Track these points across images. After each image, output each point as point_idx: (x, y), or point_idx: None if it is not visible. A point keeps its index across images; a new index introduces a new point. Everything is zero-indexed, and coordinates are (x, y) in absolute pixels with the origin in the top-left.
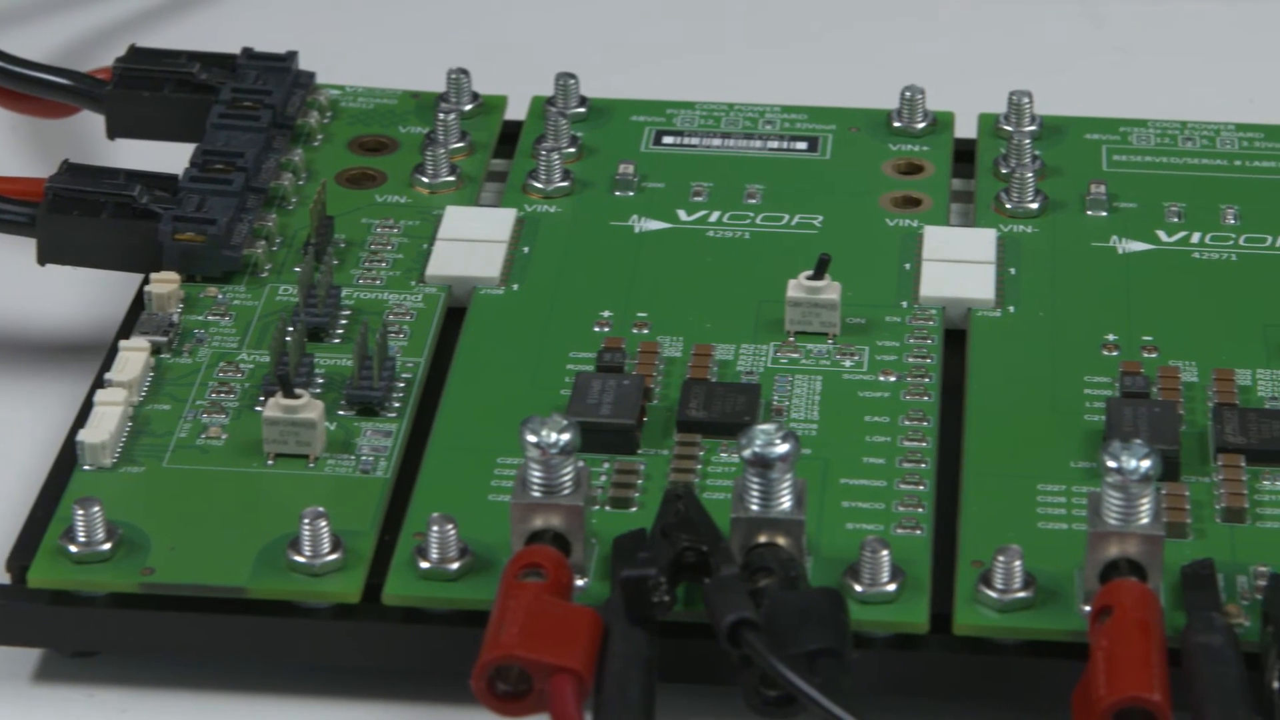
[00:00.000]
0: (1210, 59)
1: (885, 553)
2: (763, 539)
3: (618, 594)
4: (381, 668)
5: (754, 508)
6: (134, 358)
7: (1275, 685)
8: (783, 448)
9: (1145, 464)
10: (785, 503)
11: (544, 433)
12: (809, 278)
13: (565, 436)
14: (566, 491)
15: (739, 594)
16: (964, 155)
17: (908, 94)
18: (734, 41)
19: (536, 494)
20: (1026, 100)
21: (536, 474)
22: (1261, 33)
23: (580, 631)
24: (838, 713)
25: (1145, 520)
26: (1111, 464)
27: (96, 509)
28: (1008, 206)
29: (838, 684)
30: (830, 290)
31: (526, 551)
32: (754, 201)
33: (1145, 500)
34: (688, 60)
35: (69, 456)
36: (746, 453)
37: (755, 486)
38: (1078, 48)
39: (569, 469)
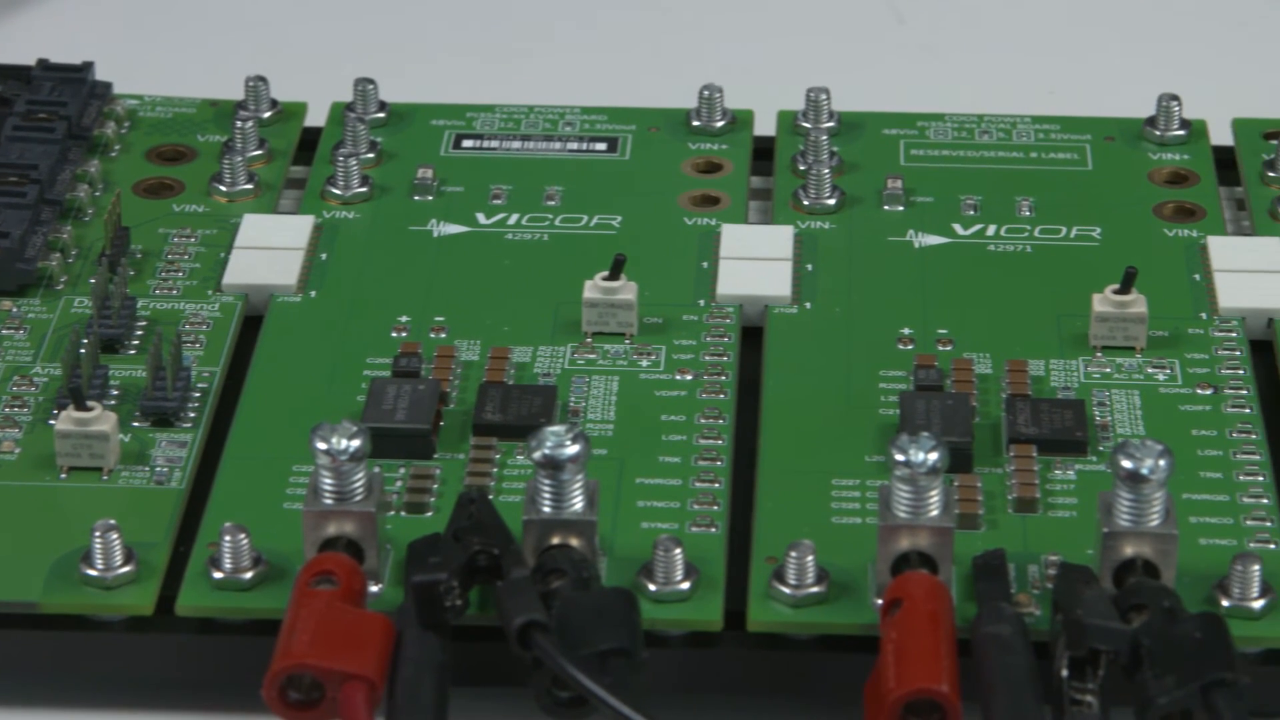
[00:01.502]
0: (1012, 52)
1: (678, 551)
2: (556, 540)
3: (410, 599)
4: (177, 679)
5: (546, 509)
6: None
7: (1064, 673)
8: (573, 449)
9: (932, 457)
10: (577, 504)
11: (334, 439)
12: (604, 278)
13: (355, 443)
14: (358, 498)
15: (529, 596)
16: (764, 153)
17: (706, 93)
18: (534, 43)
19: (328, 501)
20: (824, 97)
21: (328, 481)
22: (1061, 24)
23: (372, 638)
24: (627, 713)
25: (935, 513)
26: (899, 457)
27: None
28: (805, 203)
29: (629, 683)
30: (626, 290)
31: (318, 559)
32: (553, 203)
33: (934, 493)
34: (488, 64)
35: None
36: (537, 455)
37: (547, 488)
38: (881, 43)
39: (360, 475)
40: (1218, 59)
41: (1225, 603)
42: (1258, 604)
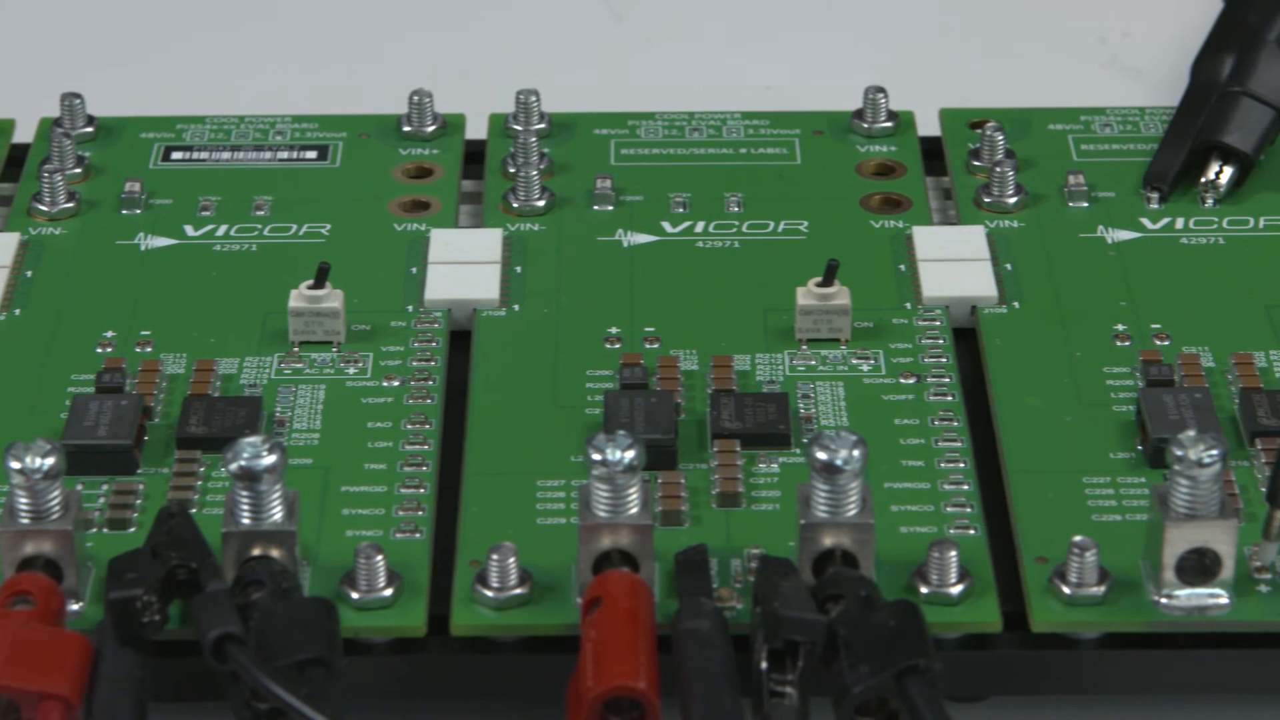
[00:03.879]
0: (730, 49)
1: (380, 558)
2: (257, 552)
3: (108, 616)
4: None
5: (245, 521)
6: None
7: (763, 665)
8: (269, 460)
9: (629, 455)
10: (276, 514)
11: (27, 458)
12: (310, 287)
13: (49, 461)
14: (55, 516)
15: (224, 609)
16: (476, 156)
17: (416, 98)
18: (246, 53)
19: (24, 520)
20: (534, 99)
21: (23, 500)
22: (778, 21)
23: (69, 657)
24: None
25: (634, 510)
26: (596, 457)
27: None
28: (515, 205)
29: (328, 693)
30: (332, 299)
31: (14, 579)
32: (262, 213)
33: (633, 491)
34: (196, 74)
35: None
36: (233, 467)
37: (245, 500)
38: (599, 43)
39: (56, 494)
40: (928, 50)
41: (924, 590)
42: (955, 590)
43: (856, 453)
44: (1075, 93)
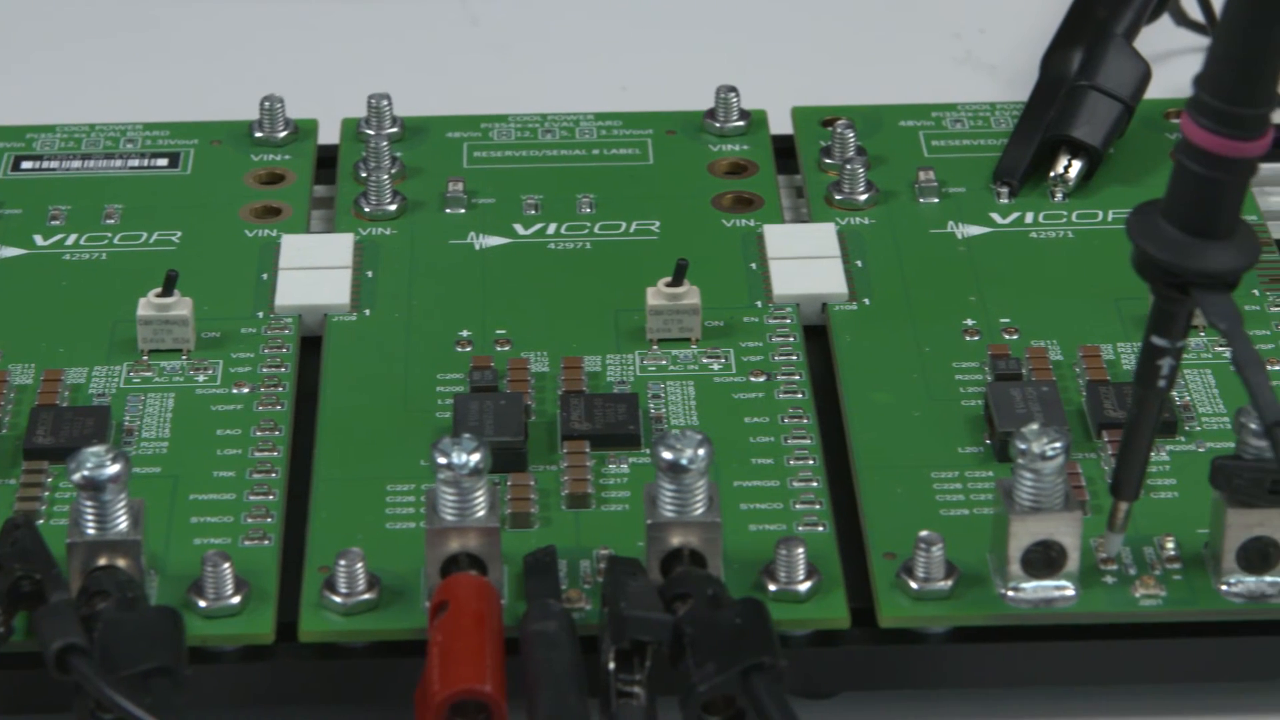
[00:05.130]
0: (585, 51)
1: (227, 566)
2: (103, 561)
3: None
4: None
5: (90, 531)
6: None
7: (611, 666)
8: (112, 469)
9: (474, 458)
10: (121, 524)
11: None
12: (158, 295)
13: None
14: None
15: (68, 620)
16: (329, 161)
17: (267, 104)
18: (93, 61)
19: None
20: (385, 103)
21: None
22: (634, 21)
23: None
24: None
25: (481, 513)
26: (441, 460)
27: None
28: (367, 210)
29: (173, 702)
30: (181, 306)
31: None
32: (112, 222)
33: (479, 494)
34: (47, 83)
35: None
36: (76, 477)
37: (89, 510)
38: (455, 46)
39: None
40: (788, 49)
41: (772, 587)
42: (803, 587)
43: (702, 451)
44: (932, 89)
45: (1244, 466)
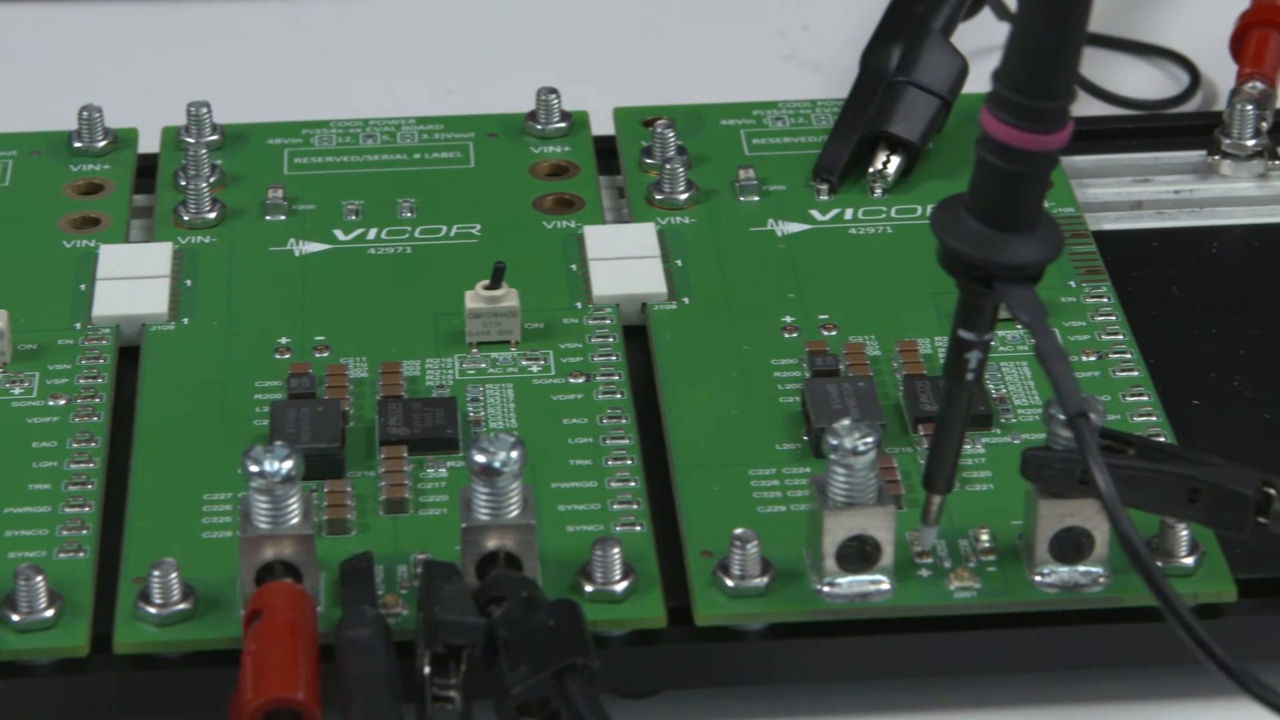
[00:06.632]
0: (412, 54)
1: (40, 579)
2: None
3: None
4: None
5: None
6: None
7: (426, 671)
8: None
9: (286, 465)
10: None
11: None
12: None
13: None
14: None
15: None
16: (150, 170)
17: (85, 114)
18: None
19: None
20: (205, 111)
21: None
22: (459, 24)
23: None
24: None
25: (295, 521)
26: (254, 468)
27: None
28: (185, 219)
29: None
30: None
31: None
32: None
33: (293, 501)
34: None
35: None
36: None
37: None
38: (279, 53)
39: None
40: (614, 49)
41: (589, 588)
42: (620, 586)
43: (515, 454)
44: (757, 87)
45: (1054, 457)
